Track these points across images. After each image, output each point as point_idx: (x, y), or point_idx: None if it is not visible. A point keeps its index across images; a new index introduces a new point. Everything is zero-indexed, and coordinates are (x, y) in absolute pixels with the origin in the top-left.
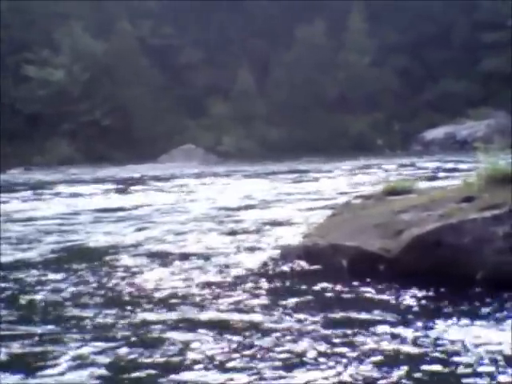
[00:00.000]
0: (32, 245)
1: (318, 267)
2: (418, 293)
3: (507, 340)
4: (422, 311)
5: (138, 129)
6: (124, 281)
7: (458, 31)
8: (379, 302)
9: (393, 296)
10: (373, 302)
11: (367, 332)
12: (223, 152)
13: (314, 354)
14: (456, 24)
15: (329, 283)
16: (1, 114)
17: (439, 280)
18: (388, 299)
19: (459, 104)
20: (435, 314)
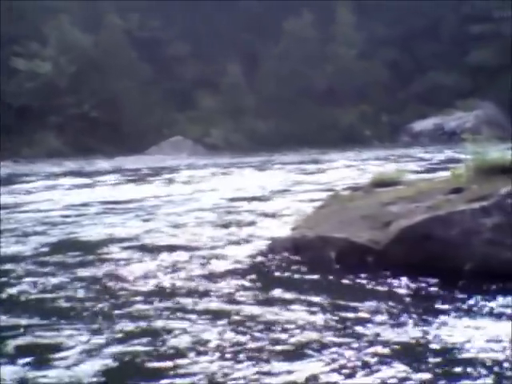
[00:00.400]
0: (22, 238)
1: (307, 259)
2: (407, 284)
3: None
4: (411, 302)
5: (127, 121)
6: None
7: (447, 24)
8: (368, 294)
9: (382, 287)
10: (361, 294)
11: (356, 323)
12: (211, 145)
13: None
14: (444, 16)
15: (317, 275)
16: None
17: (428, 271)
18: (377, 291)
19: (448, 96)
20: (424, 305)
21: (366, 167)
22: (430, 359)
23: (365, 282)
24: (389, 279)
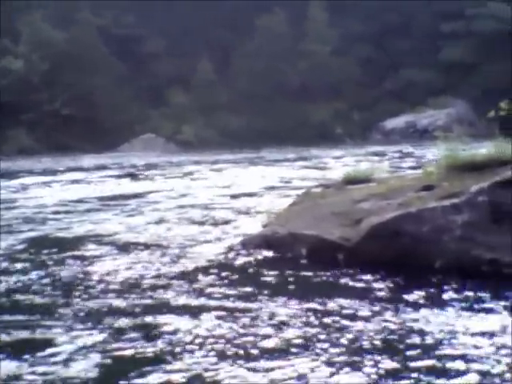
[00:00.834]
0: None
1: (278, 256)
2: (378, 281)
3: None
4: (383, 299)
5: (100, 118)
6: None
7: (420, 21)
8: (339, 290)
9: (352, 284)
10: (333, 290)
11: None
12: (183, 141)
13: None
14: (418, 14)
15: (288, 271)
16: None
17: (399, 268)
18: (348, 287)
19: (420, 93)
20: (395, 302)
21: (337, 165)
22: (408, 353)
23: (336, 279)
24: (360, 276)
